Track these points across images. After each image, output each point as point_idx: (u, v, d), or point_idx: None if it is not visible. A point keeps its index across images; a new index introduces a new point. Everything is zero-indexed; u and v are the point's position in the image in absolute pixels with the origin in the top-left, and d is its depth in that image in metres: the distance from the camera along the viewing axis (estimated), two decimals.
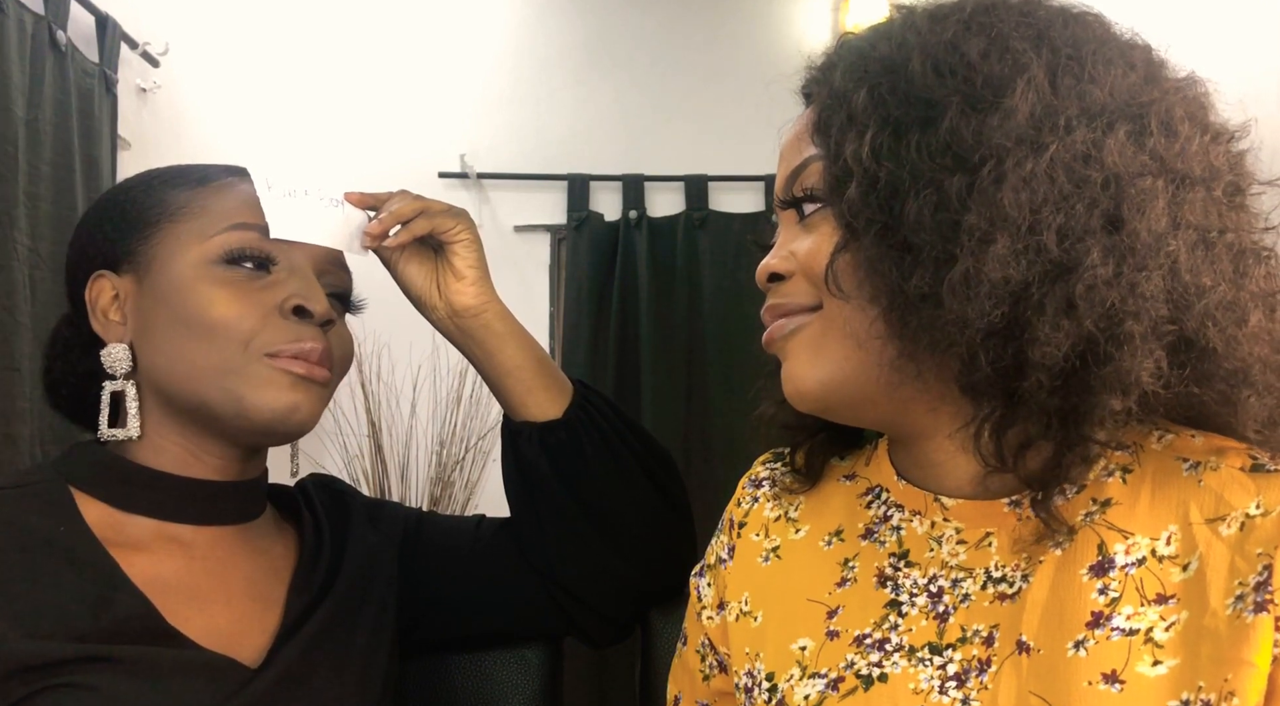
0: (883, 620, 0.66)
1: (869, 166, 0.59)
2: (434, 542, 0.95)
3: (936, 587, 0.65)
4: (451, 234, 0.89)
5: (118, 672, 0.69)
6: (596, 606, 0.94)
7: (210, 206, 0.82)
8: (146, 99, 2.52)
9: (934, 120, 0.58)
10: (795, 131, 0.69)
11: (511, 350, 0.91)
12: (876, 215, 0.59)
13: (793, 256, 0.67)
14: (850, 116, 0.61)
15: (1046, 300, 0.55)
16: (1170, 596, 0.57)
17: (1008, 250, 0.55)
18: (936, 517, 0.67)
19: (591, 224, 2.70)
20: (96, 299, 0.82)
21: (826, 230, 0.64)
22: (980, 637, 0.62)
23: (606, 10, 2.78)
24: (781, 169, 0.69)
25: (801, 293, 0.67)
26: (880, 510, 0.72)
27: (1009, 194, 0.55)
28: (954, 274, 0.56)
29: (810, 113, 0.68)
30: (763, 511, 0.79)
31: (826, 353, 0.65)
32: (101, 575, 0.73)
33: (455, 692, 0.99)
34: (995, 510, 0.64)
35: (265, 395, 0.78)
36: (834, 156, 0.62)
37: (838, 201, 0.62)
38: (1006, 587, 0.62)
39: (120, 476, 0.80)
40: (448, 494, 2.48)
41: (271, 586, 0.83)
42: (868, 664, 0.65)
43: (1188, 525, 0.58)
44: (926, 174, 0.57)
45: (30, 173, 1.87)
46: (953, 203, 0.56)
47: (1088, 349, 0.55)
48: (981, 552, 0.64)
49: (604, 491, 0.91)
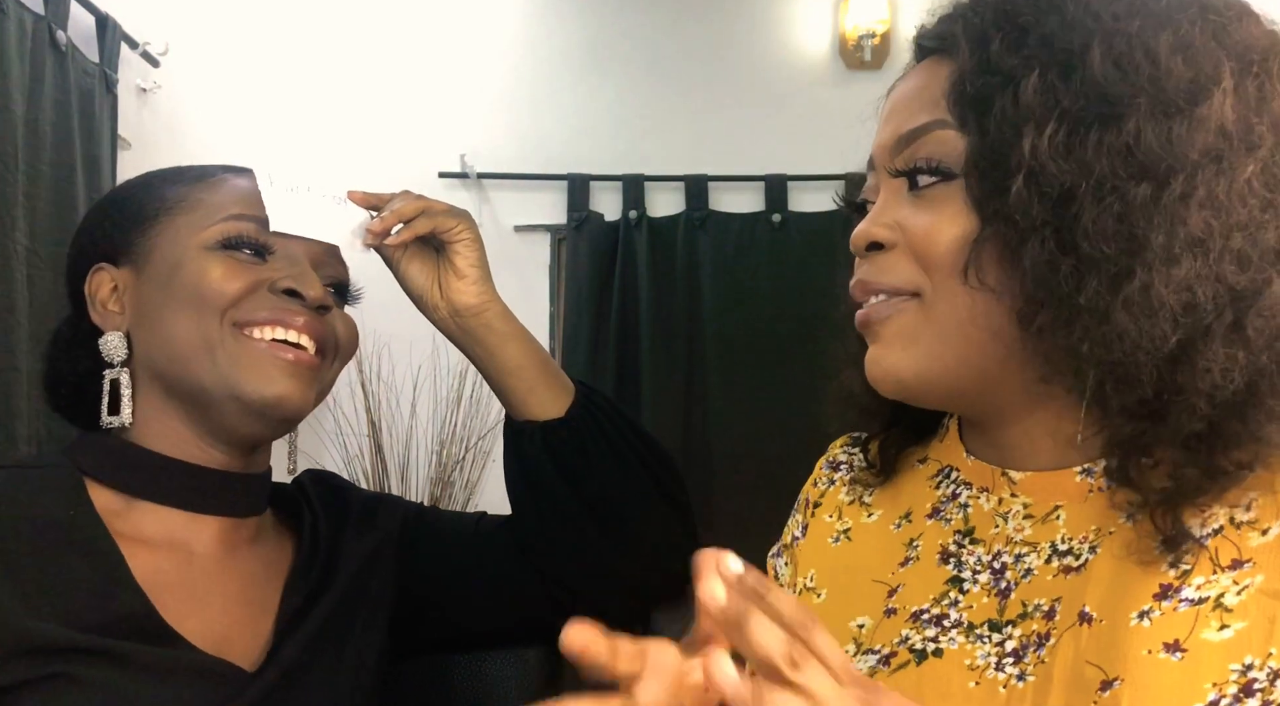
0: (942, 596, 0.65)
1: (1043, 163, 0.55)
2: (434, 537, 0.95)
3: (1000, 564, 0.63)
4: (453, 233, 0.89)
5: (120, 669, 0.70)
6: (596, 605, 0.94)
7: (208, 199, 0.82)
8: (146, 99, 2.52)
9: (1117, 119, 0.54)
10: (914, 86, 0.64)
11: (513, 349, 0.91)
12: (1048, 217, 0.55)
13: (899, 228, 0.62)
14: (1018, 101, 0.56)
15: (1215, 325, 0.52)
16: (1246, 560, 0.54)
17: (1192, 273, 0.52)
18: (1004, 493, 0.66)
19: (591, 224, 2.70)
20: (96, 291, 0.83)
21: (951, 211, 0.60)
22: (1041, 612, 0.60)
23: (606, 10, 2.78)
24: (891, 125, 0.64)
25: (902, 271, 0.62)
26: (949, 489, 0.70)
27: (1197, 213, 0.52)
28: (1131, 290, 0.53)
29: (939, 68, 0.62)
30: (838, 494, 0.78)
31: (926, 342, 0.62)
32: (106, 565, 0.74)
33: (455, 692, 0.99)
34: (1065, 481, 0.62)
35: (255, 379, 0.78)
36: (991, 141, 0.57)
37: (985, 190, 0.58)
38: (1073, 560, 0.60)
39: (129, 461, 0.80)
40: (448, 494, 2.48)
41: (268, 589, 0.83)
42: (922, 639, 0.64)
43: (1273, 493, 0.56)
44: (1108, 180, 0.54)
45: (30, 173, 1.87)
46: (1136, 215, 0.53)
47: (1255, 381, 0.53)
48: (1048, 526, 0.63)
49: (606, 490, 0.91)
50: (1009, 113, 0.57)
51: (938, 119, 0.61)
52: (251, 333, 0.79)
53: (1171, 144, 0.54)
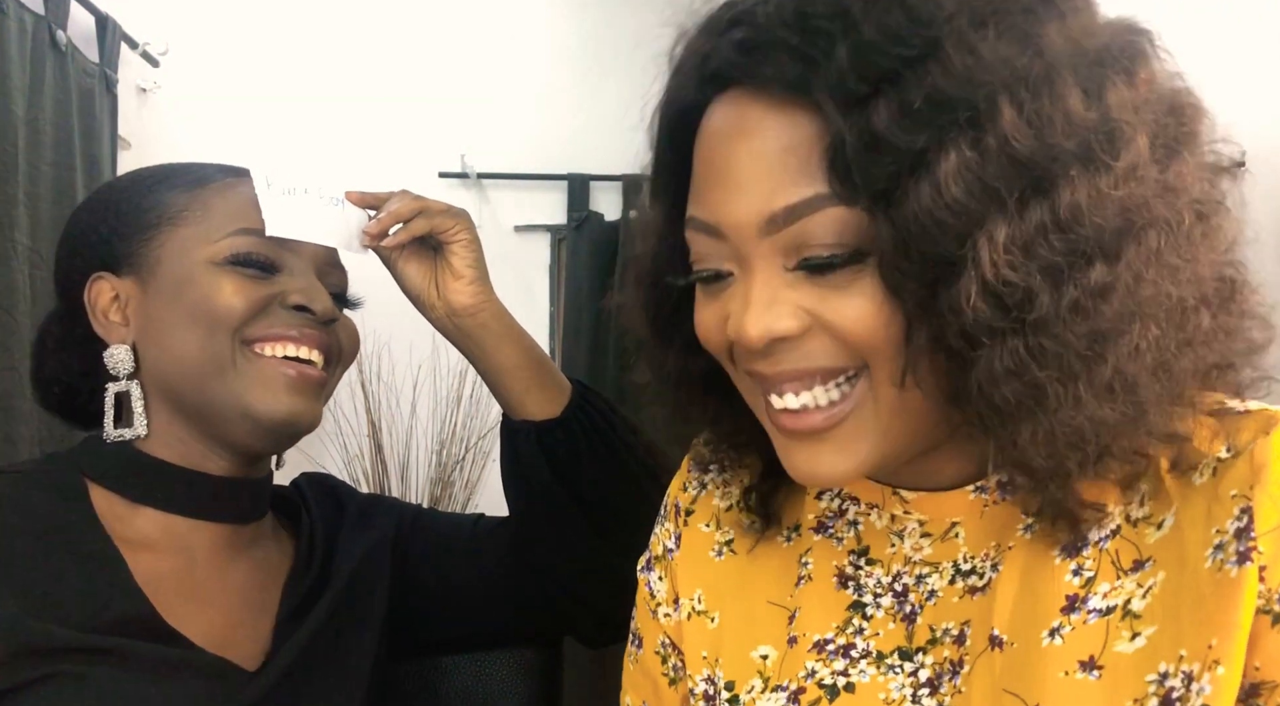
0: (846, 624, 0.61)
1: (1001, 273, 0.47)
2: (431, 539, 0.96)
3: (901, 586, 0.60)
4: (450, 234, 0.89)
5: (122, 668, 0.70)
6: (594, 605, 0.94)
7: (213, 209, 0.82)
8: (146, 99, 2.52)
9: (1047, 191, 0.47)
10: (769, 147, 0.52)
11: (509, 349, 0.91)
12: (1007, 327, 0.48)
13: (809, 315, 0.53)
14: (941, 193, 0.47)
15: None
16: (1146, 559, 0.52)
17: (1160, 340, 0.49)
18: (896, 510, 0.62)
19: (591, 224, 2.70)
20: (96, 300, 0.83)
21: (870, 292, 0.51)
22: (951, 637, 0.57)
23: (606, 10, 2.78)
24: (750, 200, 0.52)
25: (834, 353, 0.54)
26: (834, 503, 0.66)
27: (1150, 280, 0.48)
28: (1100, 377, 0.48)
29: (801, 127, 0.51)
30: (712, 500, 0.72)
31: (873, 436, 0.55)
32: (106, 569, 0.74)
33: (454, 693, 0.99)
34: (959, 499, 0.59)
35: (265, 398, 0.79)
36: (912, 235, 0.48)
37: (910, 289, 0.50)
38: (976, 579, 0.58)
39: (132, 467, 0.80)
40: (448, 494, 2.48)
41: (268, 590, 0.83)
42: (831, 672, 0.60)
43: (1158, 481, 0.53)
44: (1064, 269, 0.47)
45: (30, 172, 1.87)
46: (1093, 308, 0.47)
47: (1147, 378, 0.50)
48: (948, 545, 0.60)
49: (602, 490, 0.91)
50: (933, 206, 0.47)
51: (820, 194, 0.51)
52: (262, 349, 0.80)
53: (1104, 206, 0.47)
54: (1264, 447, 0.50)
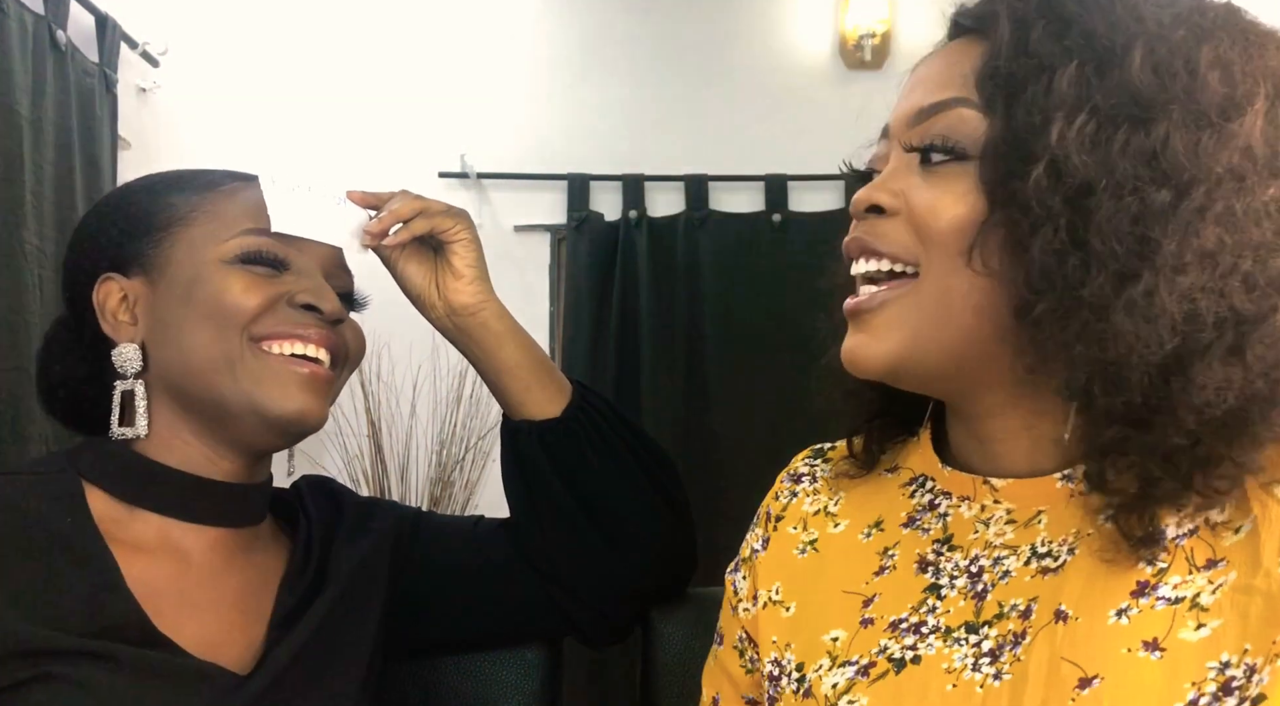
0: (920, 604, 0.65)
1: (1067, 154, 0.55)
2: (431, 542, 0.95)
3: (977, 568, 0.64)
4: (450, 234, 0.89)
5: (111, 671, 0.70)
6: (595, 606, 0.94)
7: (222, 211, 0.83)
8: (146, 99, 2.52)
9: (1147, 123, 0.54)
10: (943, 62, 0.63)
11: (509, 349, 0.91)
12: (1064, 208, 0.55)
13: (904, 197, 0.62)
14: (1051, 89, 0.56)
15: (1216, 344, 0.53)
16: (1220, 559, 0.55)
17: (1196, 284, 0.53)
18: (986, 500, 0.65)
19: (591, 224, 2.70)
20: (105, 301, 0.83)
21: (959, 189, 0.60)
22: (1018, 612, 0.60)
23: (607, 10, 2.78)
24: (913, 98, 0.64)
25: (900, 241, 0.62)
26: (925, 498, 0.70)
27: (1212, 227, 0.53)
28: (1135, 292, 0.53)
29: (971, 48, 0.62)
30: (801, 505, 0.77)
31: (915, 324, 0.61)
32: (100, 573, 0.74)
33: (455, 693, 0.99)
34: (1048, 487, 0.63)
35: (274, 394, 0.79)
36: (1017, 125, 0.57)
37: (1001, 173, 0.57)
38: (1051, 561, 0.60)
39: (131, 470, 0.81)
40: (448, 494, 2.48)
41: (262, 595, 0.83)
42: (901, 647, 0.63)
43: (1242, 490, 0.56)
44: (1130, 181, 0.54)
45: (35, 173, 1.87)
46: (1152, 219, 0.53)
47: (1246, 405, 0.53)
48: (1030, 530, 0.63)
49: (602, 490, 0.91)
50: (1040, 99, 0.56)
51: (961, 97, 0.60)
52: (270, 347, 0.80)
53: (1198, 155, 0.54)
54: None
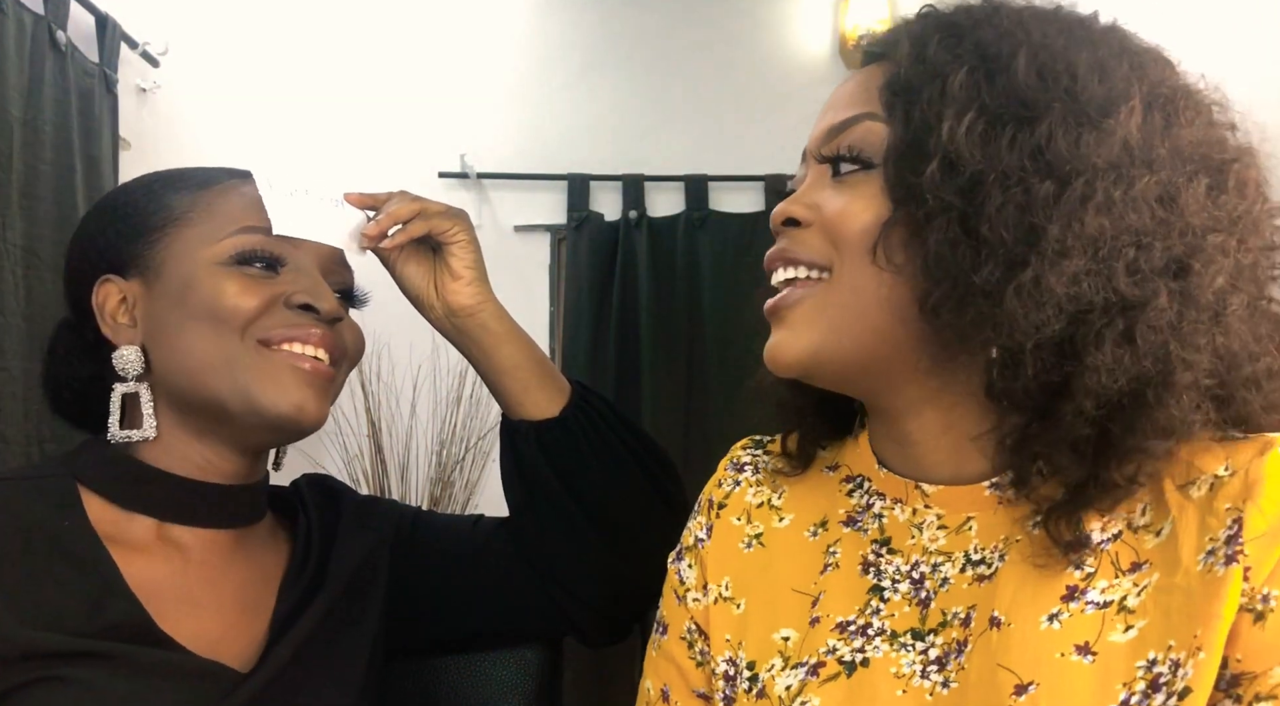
0: (865, 606, 0.67)
1: (959, 149, 0.59)
2: (430, 541, 0.95)
3: (918, 574, 0.66)
4: (449, 235, 0.89)
5: (110, 670, 0.70)
6: (594, 605, 0.94)
7: (217, 209, 0.82)
8: (146, 99, 2.52)
9: (1032, 121, 0.58)
10: (853, 86, 0.68)
11: (508, 349, 0.91)
12: (954, 200, 0.59)
13: (816, 208, 0.66)
14: (945, 92, 0.60)
15: (1107, 330, 0.56)
16: (1143, 562, 0.58)
17: (1081, 268, 0.56)
18: (918, 504, 0.68)
19: (591, 224, 2.70)
20: (104, 303, 0.83)
21: (866, 195, 0.64)
22: (959, 620, 0.62)
23: (606, 10, 2.78)
24: (826, 118, 0.68)
25: (814, 247, 0.66)
26: (863, 499, 0.72)
27: (1093, 215, 0.56)
28: (1024, 277, 0.56)
29: (878, 71, 0.66)
30: (744, 496, 0.78)
31: (828, 320, 0.65)
32: (99, 575, 0.74)
33: (454, 693, 0.99)
34: (976, 494, 0.65)
35: (272, 390, 0.79)
36: (913, 126, 0.61)
37: (900, 173, 0.61)
38: (985, 568, 0.63)
39: (128, 475, 0.80)
40: (448, 494, 2.48)
41: (263, 592, 0.83)
42: (851, 650, 0.65)
43: (1160, 494, 0.59)
44: (1015, 173, 0.58)
45: (29, 173, 1.87)
46: (1037, 208, 0.57)
47: (1140, 388, 0.56)
48: (961, 536, 0.65)
49: (601, 490, 0.91)
50: (934, 102, 0.60)
51: (867, 112, 0.65)
52: (267, 351, 0.80)
53: (1079, 149, 0.57)
54: (1258, 466, 0.56)
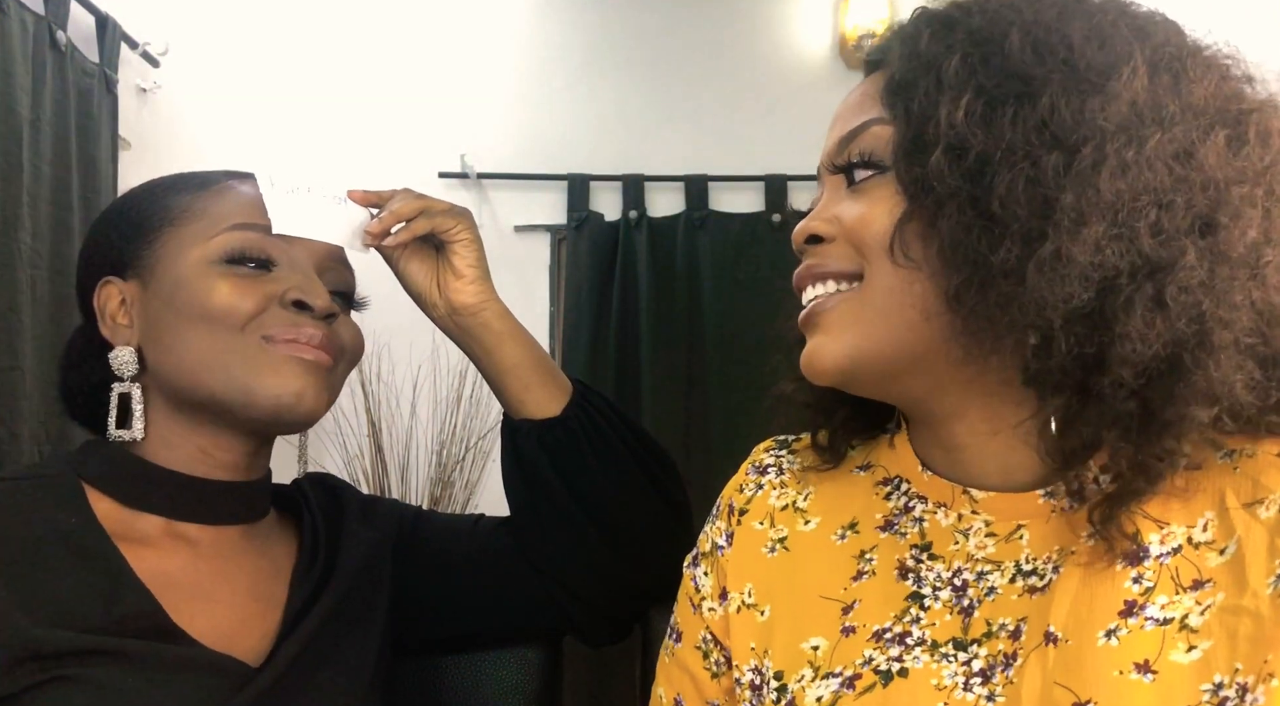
0: (903, 613, 0.64)
1: (960, 133, 0.57)
2: (431, 540, 0.96)
3: (960, 581, 0.63)
4: (452, 233, 0.89)
5: (123, 667, 0.70)
6: (595, 604, 0.94)
7: (210, 209, 0.83)
8: (146, 99, 2.52)
9: (1032, 96, 0.57)
10: (857, 95, 0.67)
11: (510, 348, 0.91)
12: (962, 185, 0.57)
13: (836, 221, 0.65)
14: (940, 81, 0.59)
15: (1136, 295, 0.53)
16: (1206, 580, 0.55)
17: (1102, 235, 0.54)
18: (964, 510, 0.65)
19: (591, 224, 2.70)
20: (104, 304, 0.83)
21: (882, 197, 0.63)
22: (1007, 632, 0.60)
23: (606, 10, 2.78)
24: (835, 131, 0.68)
25: (842, 257, 0.65)
26: (901, 501, 0.69)
27: (1107, 179, 0.54)
28: (1043, 251, 0.54)
29: (879, 77, 0.66)
30: (767, 499, 0.76)
31: (864, 324, 0.63)
32: (109, 570, 0.74)
33: (455, 692, 1.00)
34: (1029, 502, 0.62)
35: (271, 381, 0.79)
36: (914, 120, 0.60)
37: (909, 168, 0.60)
38: (1037, 580, 0.60)
39: (131, 474, 0.80)
40: (448, 494, 2.48)
41: (273, 585, 0.83)
42: (887, 659, 0.63)
43: (1224, 510, 0.56)
44: (1021, 148, 0.56)
45: (33, 173, 1.87)
46: (1048, 180, 0.55)
47: (1177, 352, 0.53)
48: (1012, 545, 0.62)
49: (602, 489, 0.91)
50: (931, 91, 0.60)
51: (874, 117, 0.64)
52: (270, 347, 0.80)
53: (1084, 116, 0.56)
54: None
